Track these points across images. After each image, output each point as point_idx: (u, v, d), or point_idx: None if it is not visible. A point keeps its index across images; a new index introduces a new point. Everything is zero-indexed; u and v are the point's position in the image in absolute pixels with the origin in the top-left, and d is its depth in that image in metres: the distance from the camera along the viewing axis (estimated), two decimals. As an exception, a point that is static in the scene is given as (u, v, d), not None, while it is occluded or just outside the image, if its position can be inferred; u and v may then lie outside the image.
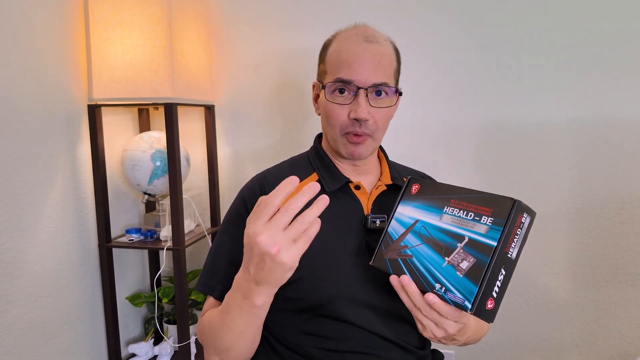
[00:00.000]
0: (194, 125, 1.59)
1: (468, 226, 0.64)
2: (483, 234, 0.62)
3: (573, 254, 1.34)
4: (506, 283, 0.62)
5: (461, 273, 0.61)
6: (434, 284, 0.64)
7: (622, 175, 1.28)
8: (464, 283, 0.60)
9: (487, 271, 0.59)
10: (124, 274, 1.54)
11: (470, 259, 0.61)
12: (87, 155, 1.36)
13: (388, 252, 0.72)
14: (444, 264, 0.64)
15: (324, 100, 0.82)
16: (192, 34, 1.37)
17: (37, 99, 1.19)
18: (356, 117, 0.78)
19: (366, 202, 0.84)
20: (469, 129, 1.38)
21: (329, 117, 0.81)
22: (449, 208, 0.68)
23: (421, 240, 0.68)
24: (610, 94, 1.27)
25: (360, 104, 0.77)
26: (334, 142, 0.84)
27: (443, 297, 0.62)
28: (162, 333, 1.55)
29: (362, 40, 0.80)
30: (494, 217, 0.62)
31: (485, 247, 0.60)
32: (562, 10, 1.28)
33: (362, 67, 0.78)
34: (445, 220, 0.67)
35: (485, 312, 0.60)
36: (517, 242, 0.62)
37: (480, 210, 0.64)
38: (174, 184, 1.31)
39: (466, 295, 0.60)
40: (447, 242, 0.65)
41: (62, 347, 1.29)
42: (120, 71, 1.25)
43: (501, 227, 0.60)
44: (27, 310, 1.17)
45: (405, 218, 0.73)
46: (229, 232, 0.84)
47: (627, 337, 1.32)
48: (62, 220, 1.27)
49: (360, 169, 0.88)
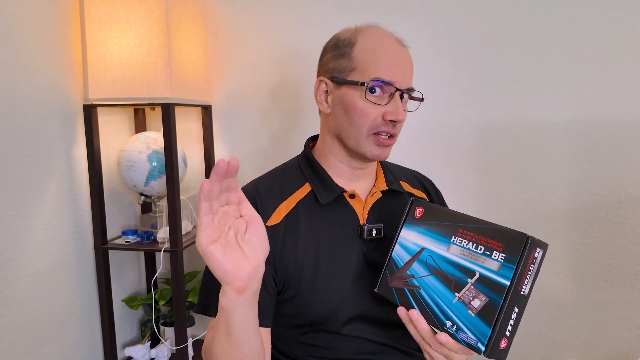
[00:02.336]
0: (191, 125, 1.57)
1: (478, 260, 0.62)
2: (495, 271, 0.60)
3: (571, 254, 1.34)
4: (519, 320, 0.60)
5: (473, 312, 0.60)
6: (444, 320, 0.62)
7: (620, 175, 1.29)
8: (477, 323, 0.59)
9: (501, 312, 0.57)
10: (120, 276, 1.53)
11: (482, 298, 0.59)
12: (83, 156, 1.34)
13: (393, 280, 0.70)
14: (454, 300, 0.62)
15: (349, 97, 0.78)
16: (189, 34, 1.36)
17: (32, 99, 1.17)
18: (396, 119, 0.76)
19: (361, 211, 0.82)
20: (467, 129, 1.38)
21: (358, 115, 0.77)
22: (457, 238, 0.65)
23: (429, 271, 0.67)
24: (609, 94, 1.27)
25: (399, 106, 0.77)
26: (356, 142, 0.79)
27: (454, 336, 0.61)
28: (159, 335, 1.53)
29: (396, 42, 0.79)
30: (505, 253, 0.59)
31: (497, 286, 0.58)
32: (561, 10, 1.28)
33: (402, 69, 0.77)
34: (453, 251, 0.65)
35: (498, 352, 0.58)
36: (530, 278, 0.60)
37: (490, 244, 0.62)
38: (171, 185, 1.29)
39: (479, 337, 0.58)
40: (456, 276, 0.63)
41: (58, 350, 1.27)
42: (117, 71, 1.24)
43: (514, 264, 0.58)
44: (22, 313, 1.15)
45: (410, 244, 0.71)
46: None
47: (625, 337, 1.32)
48: (57, 221, 1.26)
49: (360, 173, 0.85)
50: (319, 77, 0.83)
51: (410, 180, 0.95)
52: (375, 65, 0.76)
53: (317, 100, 0.84)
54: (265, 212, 0.78)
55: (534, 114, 1.33)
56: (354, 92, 0.77)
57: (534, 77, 1.31)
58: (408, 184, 0.93)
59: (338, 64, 0.80)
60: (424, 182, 0.98)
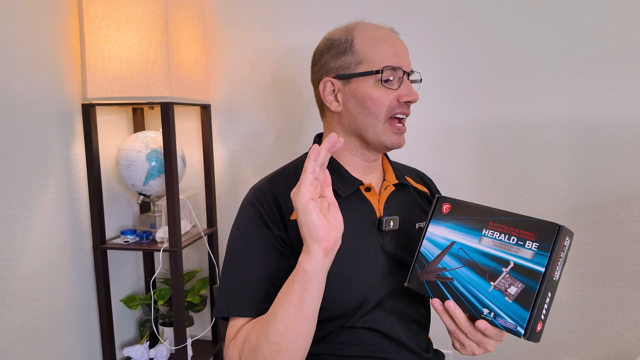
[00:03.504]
0: (190, 124, 1.57)
1: (512, 250, 0.65)
2: (529, 260, 0.63)
3: (570, 254, 1.34)
4: (551, 304, 0.64)
5: (510, 298, 0.63)
6: (481, 308, 0.65)
7: (618, 174, 1.29)
8: (514, 309, 0.62)
9: (538, 297, 0.61)
10: (119, 276, 1.52)
11: (518, 285, 0.63)
12: (81, 155, 1.34)
13: (424, 273, 0.72)
14: (490, 289, 0.65)
15: (362, 89, 0.78)
16: (188, 33, 1.35)
17: (30, 98, 1.17)
18: (411, 99, 0.79)
19: (377, 204, 0.83)
20: (467, 128, 1.38)
21: (375, 103, 0.78)
22: (488, 231, 0.68)
23: (461, 263, 0.69)
24: (607, 94, 1.28)
25: (410, 88, 0.80)
26: (375, 132, 0.80)
27: (493, 322, 0.64)
28: (158, 335, 1.53)
29: (389, 30, 0.82)
30: (539, 242, 0.63)
31: (532, 273, 0.62)
32: (560, 10, 1.28)
33: (403, 53, 0.81)
34: (485, 243, 0.68)
35: (535, 335, 0.62)
36: (561, 265, 0.64)
37: (523, 234, 0.65)
38: (170, 185, 1.29)
39: (518, 321, 0.61)
40: (490, 266, 0.66)
41: (56, 350, 1.26)
42: (116, 70, 1.23)
43: (548, 252, 0.62)
44: (20, 314, 1.15)
45: (439, 239, 0.73)
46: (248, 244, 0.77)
47: (624, 335, 1.33)
48: (56, 221, 1.25)
49: (372, 166, 0.86)
50: (323, 79, 0.82)
51: (412, 176, 0.96)
52: (381, 54, 0.78)
53: (325, 101, 0.82)
54: (287, 206, 0.78)
55: (533, 114, 1.33)
56: (366, 84, 0.78)
57: (533, 77, 1.32)
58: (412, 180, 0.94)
59: (342, 62, 0.80)
60: (424, 178, 0.99)
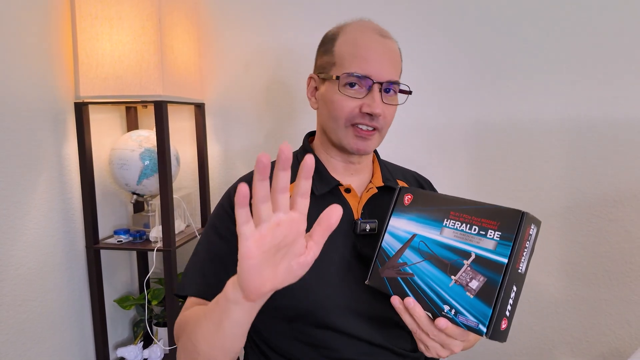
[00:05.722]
0: (184, 123, 1.56)
1: (473, 241, 0.61)
2: (491, 250, 0.58)
3: (564, 252, 1.35)
4: (517, 299, 0.59)
5: (471, 294, 0.58)
6: (441, 305, 0.60)
7: (613, 173, 1.29)
8: (476, 305, 0.57)
9: (500, 291, 0.56)
10: (112, 276, 1.51)
11: (479, 278, 0.58)
12: (74, 155, 1.32)
13: (385, 270, 0.68)
14: (451, 284, 0.60)
15: (329, 92, 0.79)
16: (182, 31, 1.34)
17: (22, 97, 1.15)
18: (371, 112, 0.76)
19: (356, 206, 0.82)
20: (461, 127, 1.38)
21: (335, 108, 0.78)
22: (449, 221, 0.64)
23: (422, 257, 0.65)
24: (602, 93, 1.28)
25: (375, 99, 0.76)
26: (336, 136, 0.80)
27: (453, 320, 0.59)
28: (152, 336, 1.52)
29: (377, 34, 0.78)
30: (501, 231, 0.59)
31: (495, 265, 0.57)
32: (557, 9, 1.28)
33: (379, 62, 0.76)
34: (446, 234, 0.64)
35: (499, 333, 0.57)
36: (526, 256, 0.59)
37: (485, 223, 0.60)
38: (164, 184, 1.28)
39: (480, 319, 0.56)
40: (451, 259, 0.61)
41: (49, 351, 1.25)
42: (109, 68, 1.22)
43: (510, 242, 0.57)
44: (11, 315, 1.13)
45: (400, 232, 0.69)
46: (209, 230, 0.83)
47: (618, 334, 1.33)
48: (48, 221, 1.24)
49: (354, 168, 0.85)
50: (310, 75, 0.86)
51: (407, 179, 0.94)
52: (351, 59, 0.76)
53: (307, 97, 0.86)
54: None
55: (527, 113, 1.33)
56: (332, 87, 0.78)
57: (527, 76, 1.32)
58: (405, 183, 0.92)
59: (323, 61, 0.82)
60: (421, 182, 0.97)
